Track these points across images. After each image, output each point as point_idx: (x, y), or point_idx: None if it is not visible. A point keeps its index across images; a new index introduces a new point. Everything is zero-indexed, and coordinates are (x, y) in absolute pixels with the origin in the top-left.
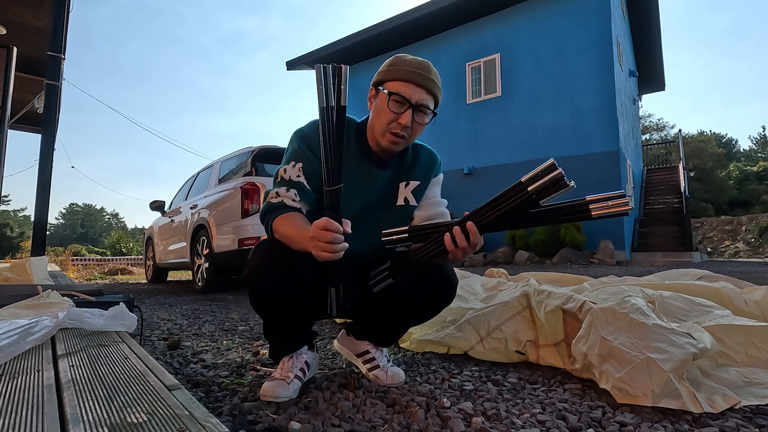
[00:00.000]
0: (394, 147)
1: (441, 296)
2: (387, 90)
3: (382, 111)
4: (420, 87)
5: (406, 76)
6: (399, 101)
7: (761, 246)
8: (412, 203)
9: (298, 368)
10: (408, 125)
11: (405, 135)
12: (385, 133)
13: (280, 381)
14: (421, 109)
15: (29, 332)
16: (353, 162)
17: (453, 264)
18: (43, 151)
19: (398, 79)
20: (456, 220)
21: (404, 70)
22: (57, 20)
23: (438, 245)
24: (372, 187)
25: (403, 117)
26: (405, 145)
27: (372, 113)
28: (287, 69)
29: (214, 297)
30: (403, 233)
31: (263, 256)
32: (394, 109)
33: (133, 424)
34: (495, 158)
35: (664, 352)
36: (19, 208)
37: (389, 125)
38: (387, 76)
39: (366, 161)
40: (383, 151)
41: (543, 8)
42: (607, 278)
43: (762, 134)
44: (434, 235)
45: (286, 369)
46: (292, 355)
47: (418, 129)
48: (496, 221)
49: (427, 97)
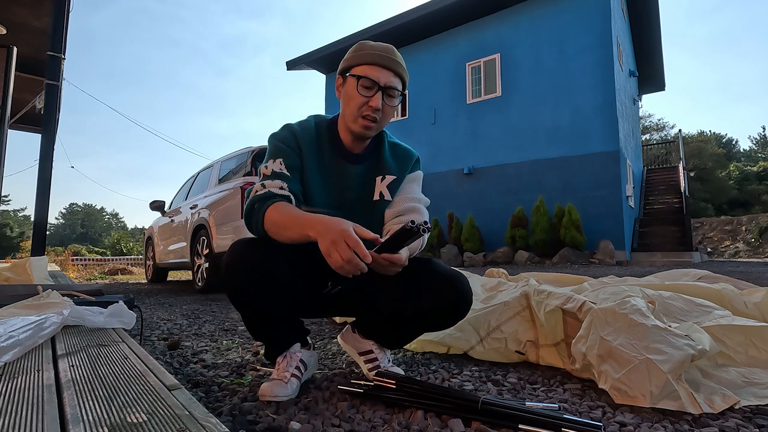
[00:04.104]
0: (367, 132)
1: (456, 310)
2: (355, 74)
3: (352, 96)
4: (387, 69)
5: (372, 59)
6: (368, 85)
7: (761, 246)
8: (387, 198)
9: (294, 367)
10: (379, 107)
11: (377, 117)
12: (357, 118)
13: (277, 381)
14: (389, 92)
15: (41, 327)
16: (326, 158)
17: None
18: (43, 151)
19: (364, 63)
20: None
21: (370, 54)
22: (57, 20)
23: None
24: (347, 183)
25: (374, 99)
26: (377, 129)
27: (342, 102)
28: (287, 69)
29: (214, 297)
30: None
31: (237, 253)
32: (363, 92)
33: (133, 424)
34: (495, 158)
35: (663, 353)
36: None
37: (360, 109)
38: (353, 62)
39: (339, 157)
40: (356, 141)
41: (543, 8)
42: (607, 278)
43: (762, 134)
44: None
45: (282, 369)
46: (285, 354)
47: (388, 112)
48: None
49: (394, 79)
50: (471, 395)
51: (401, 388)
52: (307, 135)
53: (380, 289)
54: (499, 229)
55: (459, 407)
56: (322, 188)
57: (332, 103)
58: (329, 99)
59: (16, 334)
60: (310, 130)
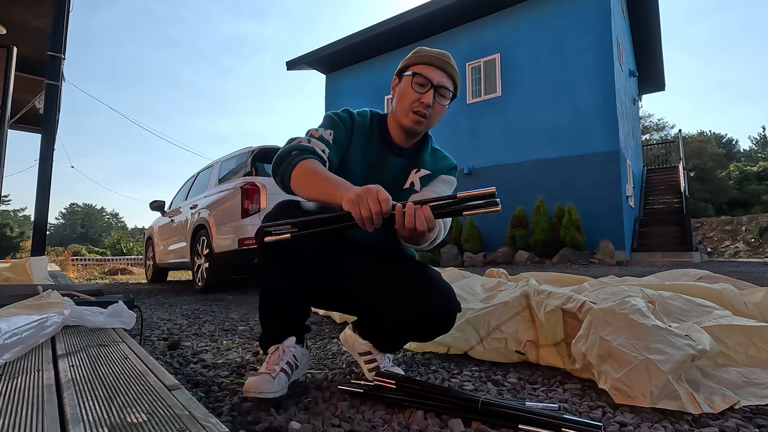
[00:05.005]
0: (417, 126)
1: (438, 321)
2: (411, 72)
3: (406, 92)
4: (441, 70)
5: (428, 60)
6: (422, 82)
7: (761, 246)
8: (416, 188)
9: (285, 362)
10: (430, 104)
11: (427, 114)
12: (408, 113)
13: (265, 375)
14: (441, 91)
15: (42, 327)
16: (373, 147)
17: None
18: (43, 151)
19: (421, 63)
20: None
21: (426, 56)
22: (57, 20)
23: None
24: (385, 169)
25: (426, 96)
26: (426, 126)
27: (395, 99)
28: (287, 69)
29: (214, 297)
30: (286, 224)
31: (274, 252)
32: (417, 89)
33: (133, 424)
34: (495, 158)
35: (663, 354)
36: (19, 208)
37: (412, 104)
38: (410, 62)
39: (384, 148)
40: (405, 136)
41: (543, 8)
42: (607, 278)
43: (762, 134)
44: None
45: (273, 362)
46: (279, 346)
47: (438, 110)
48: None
49: (446, 81)
50: (471, 395)
51: (401, 388)
52: (362, 122)
53: (373, 285)
54: (499, 229)
55: (459, 407)
56: (361, 171)
57: (332, 104)
58: (329, 99)
59: (19, 332)
60: (365, 118)
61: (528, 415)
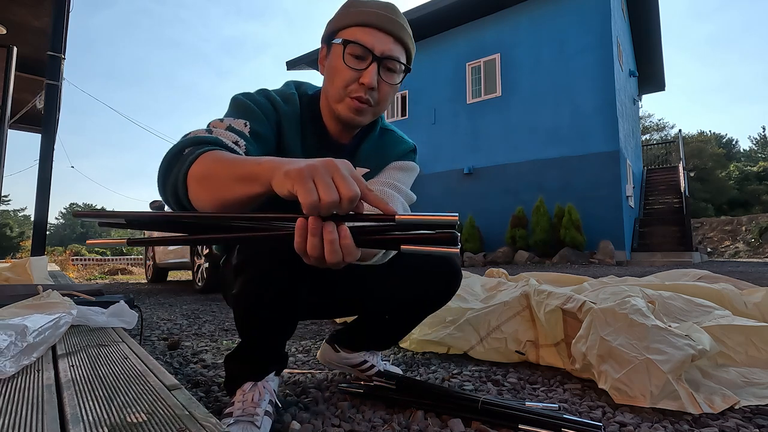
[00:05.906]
0: (357, 117)
1: (450, 284)
2: (342, 39)
3: (338, 69)
4: (385, 33)
5: (366, 19)
6: (359, 54)
7: (761, 246)
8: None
9: (267, 401)
10: (373, 85)
11: (370, 100)
12: (343, 98)
13: (246, 424)
14: (388, 63)
15: (57, 326)
16: (309, 146)
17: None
18: (43, 151)
19: (355, 24)
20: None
21: (363, 12)
22: (57, 20)
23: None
24: None
25: (366, 74)
26: (373, 115)
27: (325, 77)
28: (287, 69)
29: (214, 297)
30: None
31: (265, 262)
32: (352, 63)
33: (133, 424)
34: (495, 158)
35: (663, 354)
36: (19, 208)
37: (348, 87)
38: (340, 23)
39: (321, 147)
40: (342, 129)
41: (543, 8)
42: (607, 278)
43: (762, 134)
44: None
45: (251, 403)
46: (256, 383)
47: (386, 91)
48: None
49: (395, 47)
50: (471, 395)
51: (401, 388)
52: (290, 111)
53: (376, 278)
54: (499, 229)
55: (459, 407)
56: None
57: None
58: None
59: (42, 331)
60: (294, 105)
61: (528, 415)
